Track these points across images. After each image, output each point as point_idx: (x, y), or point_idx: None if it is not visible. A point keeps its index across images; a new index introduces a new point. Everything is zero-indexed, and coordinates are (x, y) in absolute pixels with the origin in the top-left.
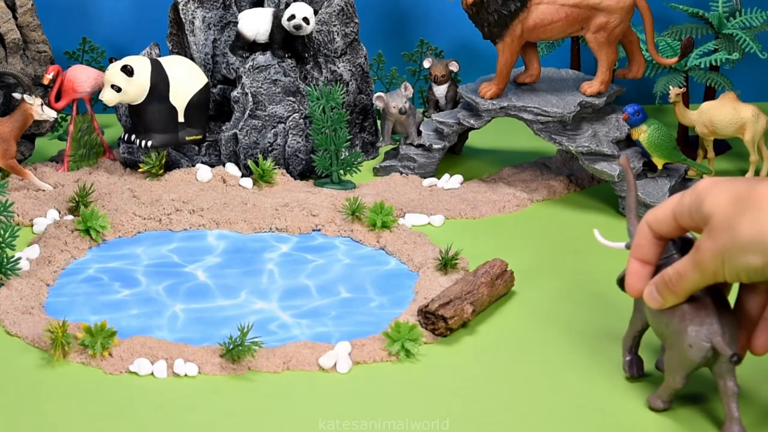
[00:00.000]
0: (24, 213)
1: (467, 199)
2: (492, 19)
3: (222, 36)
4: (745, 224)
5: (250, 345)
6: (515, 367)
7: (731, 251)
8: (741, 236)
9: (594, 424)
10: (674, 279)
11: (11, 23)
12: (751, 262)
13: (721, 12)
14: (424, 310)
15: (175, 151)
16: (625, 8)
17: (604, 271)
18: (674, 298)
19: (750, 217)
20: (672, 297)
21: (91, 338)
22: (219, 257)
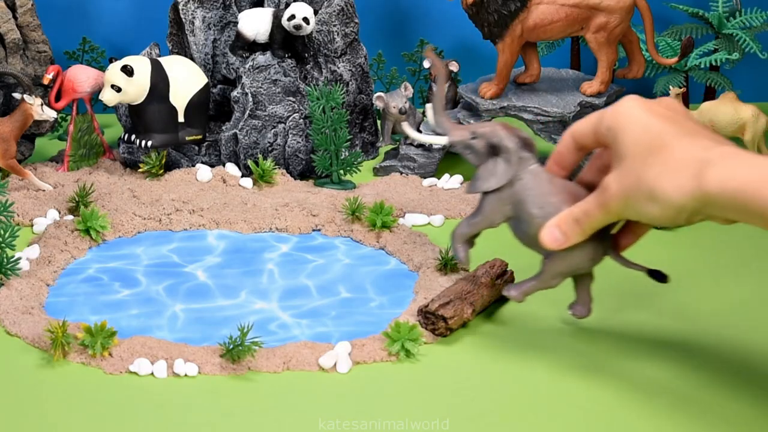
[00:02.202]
0: (24, 213)
1: (467, 199)
2: (492, 19)
3: (222, 36)
4: (650, 174)
5: (250, 345)
6: (515, 367)
7: (635, 197)
8: (645, 185)
9: (594, 424)
10: (582, 217)
11: (11, 23)
12: (650, 210)
13: (721, 12)
14: (424, 310)
15: (175, 151)
16: (625, 8)
17: (604, 270)
18: (580, 235)
19: (656, 169)
20: (577, 235)
21: (91, 338)
22: (219, 257)
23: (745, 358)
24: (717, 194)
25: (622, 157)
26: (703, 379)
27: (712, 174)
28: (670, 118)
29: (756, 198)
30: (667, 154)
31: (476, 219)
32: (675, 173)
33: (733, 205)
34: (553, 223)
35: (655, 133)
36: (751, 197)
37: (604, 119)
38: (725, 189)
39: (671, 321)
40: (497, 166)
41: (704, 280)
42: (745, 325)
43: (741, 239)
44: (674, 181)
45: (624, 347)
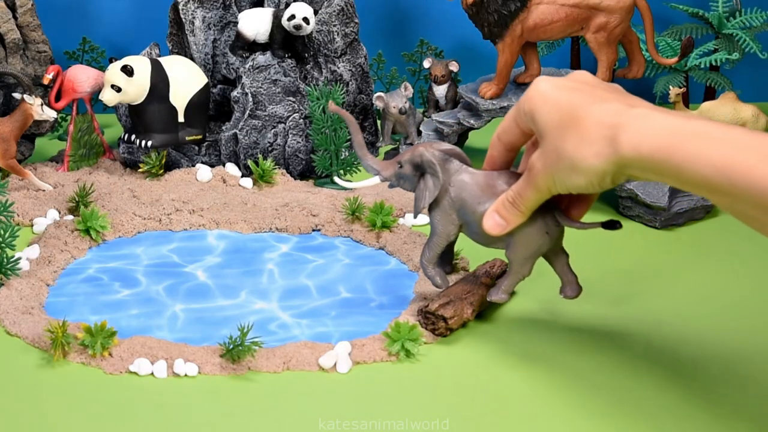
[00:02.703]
0: (24, 213)
1: None
2: (492, 19)
3: (222, 36)
4: (568, 147)
5: (250, 345)
6: (515, 367)
7: (559, 171)
8: (566, 158)
9: (594, 424)
10: (516, 199)
11: (11, 23)
12: (576, 181)
13: (721, 12)
14: (424, 310)
15: (175, 151)
16: (625, 8)
17: (605, 270)
18: (519, 217)
19: (573, 141)
20: (517, 217)
21: (91, 338)
22: (219, 257)
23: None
24: (632, 158)
25: (542, 136)
26: (707, 380)
27: (624, 138)
28: (579, 89)
29: (668, 159)
30: (581, 124)
31: (433, 239)
32: (591, 142)
33: (648, 166)
34: (491, 210)
35: (566, 107)
36: (663, 158)
37: (520, 107)
38: (639, 152)
39: (673, 321)
40: (427, 182)
41: (704, 280)
42: None
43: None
44: (591, 149)
45: (625, 347)
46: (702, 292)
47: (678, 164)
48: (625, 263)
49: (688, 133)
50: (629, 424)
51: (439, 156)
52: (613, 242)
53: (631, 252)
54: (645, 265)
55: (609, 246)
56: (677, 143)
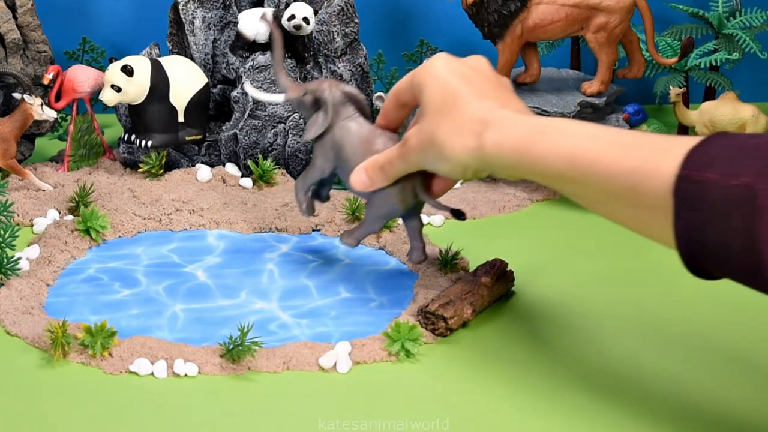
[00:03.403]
0: (24, 213)
1: (467, 199)
2: (492, 19)
3: (222, 36)
4: (441, 132)
5: (250, 345)
6: (515, 367)
7: (429, 152)
8: (437, 142)
9: (594, 424)
10: (386, 165)
11: (11, 23)
12: (441, 167)
13: (721, 12)
14: (424, 310)
15: (175, 151)
16: (625, 8)
17: (605, 270)
18: (384, 181)
19: (447, 128)
20: (382, 180)
21: (91, 338)
22: (219, 257)
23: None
24: (493, 155)
25: (423, 113)
26: (708, 380)
27: (488, 136)
28: (469, 79)
29: (525, 155)
30: (458, 113)
31: (309, 170)
32: (461, 134)
33: (509, 163)
34: (361, 167)
35: (451, 92)
36: (521, 155)
37: (415, 75)
38: (500, 150)
39: (674, 321)
40: (318, 117)
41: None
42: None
43: None
44: (460, 141)
45: (625, 347)
46: (702, 292)
47: (534, 159)
48: (625, 263)
49: (541, 130)
50: (629, 424)
51: (339, 97)
52: (613, 242)
53: (631, 252)
54: (645, 265)
55: (609, 246)
56: (533, 140)
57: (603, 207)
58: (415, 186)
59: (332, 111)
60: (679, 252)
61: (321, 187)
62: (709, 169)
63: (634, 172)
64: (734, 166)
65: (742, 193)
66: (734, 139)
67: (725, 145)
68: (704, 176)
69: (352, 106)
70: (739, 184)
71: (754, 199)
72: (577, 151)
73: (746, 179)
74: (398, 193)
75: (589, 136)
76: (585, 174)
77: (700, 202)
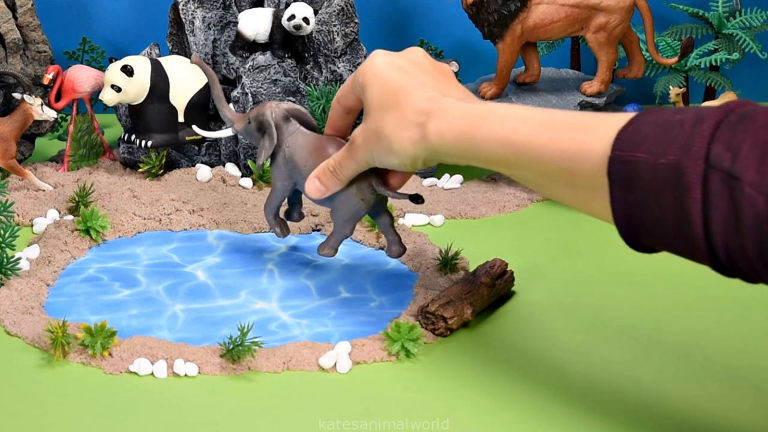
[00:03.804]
0: (24, 213)
1: (467, 199)
2: (492, 19)
3: (222, 36)
4: (387, 128)
5: (250, 345)
6: (515, 367)
7: (376, 149)
8: (384, 138)
9: (594, 424)
10: (336, 168)
11: (11, 23)
12: (391, 161)
13: (721, 12)
14: (424, 310)
15: (175, 151)
16: (625, 8)
17: (605, 271)
18: (338, 184)
19: (391, 123)
20: (336, 184)
21: (91, 338)
22: (219, 257)
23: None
24: (437, 143)
25: (367, 112)
26: (709, 380)
27: (431, 126)
28: (407, 72)
29: (467, 142)
30: (400, 108)
31: (273, 194)
32: (406, 127)
33: (452, 151)
34: (313, 175)
35: (391, 87)
36: (463, 142)
37: (356, 77)
38: (444, 138)
39: (674, 320)
40: (264, 141)
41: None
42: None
43: None
44: (406, 133)
45: (625, 347)
46: (702, 292)
47: (476, 146)
48: (625, 263)
49: (480, 116)
50: (629, 424)
51: (280, 115)
52: (613, 242)
53: (631, 252)
54: (645, 265)
55: (609, 246)
56: (473, 126)
57: (544, 189)
58: (371, 182)
59: (275, 130)
60: (618, 230)
61: (291, 207)
62: (639, 149)
63: (567, 153)
64: (661, 144)
65: (670, 172)
66: (662, 114)
67: (653, 121)
68: (635, 156)
69: (295, 122)
70: (667, 163)
71: (681, 177)
72: (512, 136)
73: (673, 157)
74: (357, 193)
75: (522, 120)
76: (521, 158)
77: (633, 182)
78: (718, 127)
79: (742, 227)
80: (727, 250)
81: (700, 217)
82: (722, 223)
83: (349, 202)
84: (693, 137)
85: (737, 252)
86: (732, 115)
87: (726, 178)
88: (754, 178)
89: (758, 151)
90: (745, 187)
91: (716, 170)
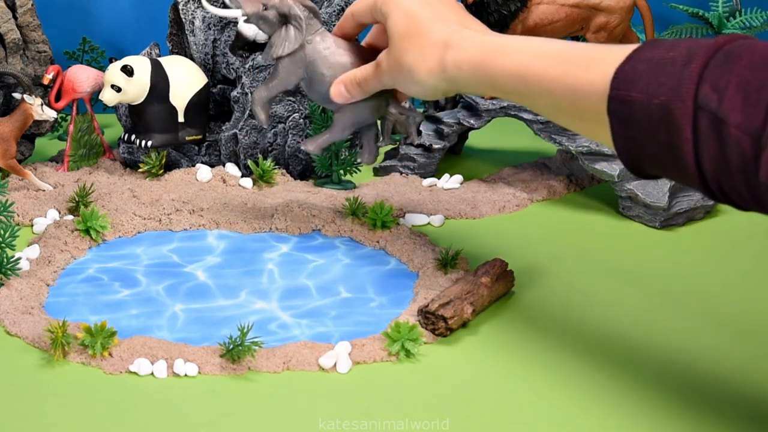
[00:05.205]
0: (24, 213)
1: (467, 199)
2: (492, 19)
3: (222, 36)
4: (408, 58)
5: (250, 345)
6: (515, 367)
7: (399, 78)
8: (405, 68)
9: (594, 423)
10: (362, 82)
11: (11, 23)
12: (412, 89)
13: (721, 12)
14: (424, 310)
15: (175, 151)
16: (625, 8)
17: (605, 271)
18: (362, 94)
19: (412, 53)
20: (360, 94)
21: (91, 338)
22: (219, 257)
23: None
24: (455, 74)
25: (390, 39)
26: (708, 380)
27: (449, 56)
28: (429, 4)
29: (484, 73)
30: (421, 39)
31: (273, 82)
32: (425, 58)
33: (470, 81)
34: (339, 81)
35: (413, 18)
36: (480, 73)
37: (377, 3)
38: (460, 70)
39: (673, 321)
40: (289, 33)
41: (704, 280)
42: None
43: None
44: (425, 64)
45: (624, 347)
46: (702, 292)
47: (492, 77)
48: (625, 263)
49: (497, 48)
50: (629, 424)
51: (305, 12)
52: (613, 242)
53: (631, 252)
54: (645, 265)
55: (608, 246)
56: (488, 58)
57: (558, 118)
58: (388, 97)
59: (305, 27)
60: (622, 161)
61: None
62: (634, 88)
63: (574, 89)
64: (654, 85)
65: (662, 112)
66: (657, 50)
67: (648, 59)
68: (630, 96)
69: (316, 20)
70: (660, 103)
71: (671, 117)
72: (526, 69)
73: (664, 98)
74: (373, 104)
75: (536, 53)
76: (534, 90)
77: (631, 120)
78: (706, 66)
79: (731, 167)
80: (719, 185)
81: (692, 156)
82: (713, 162)
83: (362, 111)
84: (682, 78)
85: (729, 188)
86: (720, 53)
87: (714, 119)
88: (740, 119)
89: (742, 91)
90: (731, 129)
91: (704, 111)
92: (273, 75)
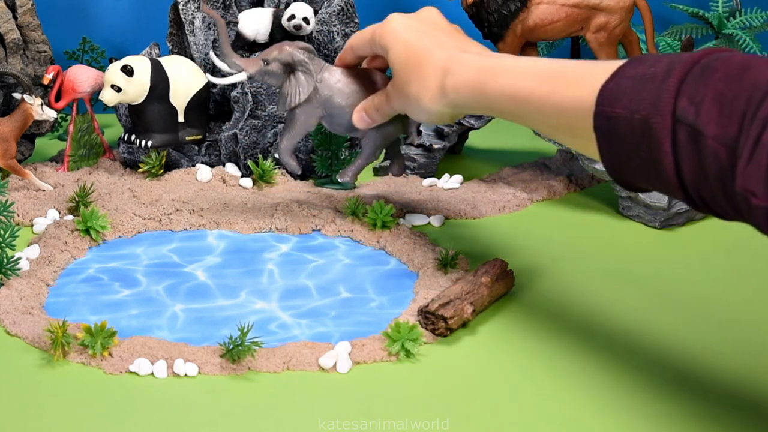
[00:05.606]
0: (24, 213)
1: (467, 199)
2: (492, 19)
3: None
4: (412, 89)
5: (250, 345)
6: (515, 367)
7: (407, 107)
8: (411, 99)
9: (594, 423)
10: (378, 107)
11: (11, 23)
12: (420, 117)
13: (721, 12)
14: (424, 310)
15: (175, 151)
16: (625, 8)
17: (604, 270)
18: (382, 118)
19: (415, 84)
20: (380, 118)
21: (91, 338)
22: (219, 257)
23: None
24: (455, 98)
25: (393, 71)
26: (708, 380)
27: (448, 81)
28: (425, 33)
29: (481, 95)
30: (422, 68)
31: (294, 130)
32: (428, 87)
33: (470, 104)
34: (360, 108)
35: (412, 49)
36: (478, 96)
37: (375, 37)
38: (458, 93)
39: (673, 321)
40: (299, 79)
41: (704, 280)
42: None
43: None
44: (428, 93)
45: (624, 347)
46: (702, 291)
47: (488, 99)
48: (625, 263)
49: (491, 70)
50: (629, 424)
51: (306, 54)
52: (613, 242)
53: (631, 252)
54: (645, 265)
55: (609, 246)
56: (484, 81)
57: (555, 136)
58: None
59: (311, 69)
60: (609, 175)
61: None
62: (617, 104)
63: (562, 107)
64: (636, 100)
65: (643, 127)
66: (640, 66)
67: (632, 75)
68: (614, 112)
69: (317, 58)
70: (641, 118)
71: (651, 131)
72: (515, 90)
73: (645, 113)
74: (397, 124)
75: (524, 74)
76: (526, 110)
77: (615, 136)
78: (683, 80)
79: (710, 177)
80: (700, 196)
81: (673, 168)
82: (692, 174)
83: (386, 130)
84: (661, 92)
85: (709, 198)
86: (696, 67)
87: (691, 132)
88: (716, 130)
89: (718, 103)
90: (708, 140)
91: (683, 124)
92: (291, 123)
